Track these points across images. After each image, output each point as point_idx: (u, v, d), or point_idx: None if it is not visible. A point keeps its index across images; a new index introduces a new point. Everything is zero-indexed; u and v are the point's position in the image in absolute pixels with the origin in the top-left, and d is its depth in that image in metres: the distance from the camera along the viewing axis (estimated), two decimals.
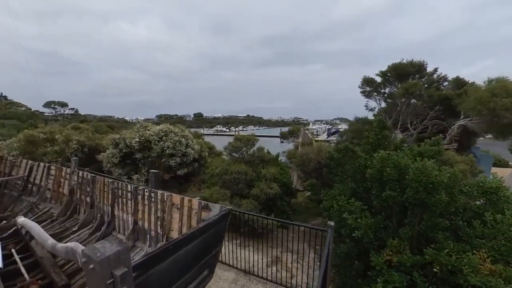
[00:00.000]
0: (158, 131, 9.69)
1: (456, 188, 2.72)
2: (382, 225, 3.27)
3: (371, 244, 3.34)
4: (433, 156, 3.29)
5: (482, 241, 2.50)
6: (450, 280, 2.71)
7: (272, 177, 6.70)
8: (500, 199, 2.66)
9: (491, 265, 2.30)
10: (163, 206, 3.51)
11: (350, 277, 3.63)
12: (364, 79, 11.42)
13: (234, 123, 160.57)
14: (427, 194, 2.65)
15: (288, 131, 22.41)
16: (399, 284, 2.82)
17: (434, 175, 2.59)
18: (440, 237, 2.62)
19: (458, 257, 2.53)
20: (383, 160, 3.04)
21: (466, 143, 9.95)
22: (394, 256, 3.01)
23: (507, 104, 6.48)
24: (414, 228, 2.97)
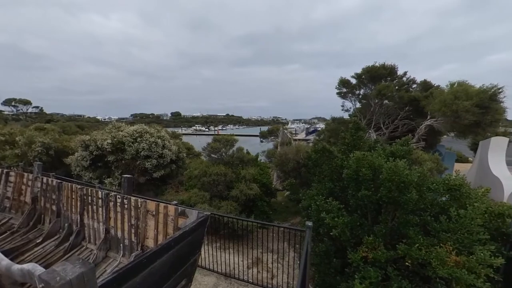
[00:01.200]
0: (132, 132, 9.25)
1: (425, 186, 2.89)
2: (358, 223, 3.38)
3: (348, 242, 3.44)
4: (404, 156, 3.47)
5: (448, 235, 2.68)
6: (421, 272, 2.88)
7: (251, 177, 6.68)
8: (462, 195, 2.87)
9: (456, 257, 2.46)
10: (137, 213, 3.33)
11: (329, 275, 3.71)
12: (340, 81, 11.83)
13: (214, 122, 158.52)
14: (399, 193, 2.79)
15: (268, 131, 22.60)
16: (375, 279, 2.93)
17: (405, 174, 2.73)
18: (411, 232, 2.77)
19: (427, 251, 2.68)
20: (358, 160, 3.15)
21: (433, 141, 10.70)
22: (370, 253, 3.13)
23: (467, 106, 7.08)
24: (388, 225, 3.11)
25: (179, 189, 9.71)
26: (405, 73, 11.20)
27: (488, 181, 9.58)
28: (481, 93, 7.37)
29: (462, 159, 18.08)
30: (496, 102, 7.53)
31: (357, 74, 11.47)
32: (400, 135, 11.78)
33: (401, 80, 11.06)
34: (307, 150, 6.75)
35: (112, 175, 9.22)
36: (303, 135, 42.80)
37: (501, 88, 7.65)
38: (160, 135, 9.84)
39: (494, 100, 7.45)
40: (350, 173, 3.25)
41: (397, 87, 10.69)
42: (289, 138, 15.23)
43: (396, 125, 11.81)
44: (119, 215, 3.67)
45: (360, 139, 4.07)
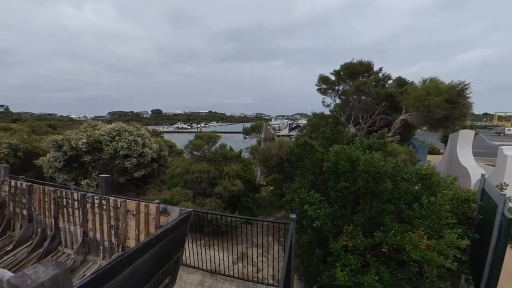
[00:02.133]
0: (110, 130, 8.87)
1: (399, 176, 3.06)
2: (339, 214, 3.50)
3: (330, 232, 3.56)
4: (380, 148, 3.63)
5: (420, 221, 2.86)
6: (396, 257, 3.06)
7: (235, 174, 6.69)
8: (433, 184, 3.06)
9: (427, 241, 2.64)
10: (117, 213, 3.22)
11: (312, 264, 3.83)
12: (320, 77, 12.07)
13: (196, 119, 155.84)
14: (375, 183, 2.93)
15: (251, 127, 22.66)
16: (354, 265, 3.07)
17: (381, 165, 2.87)
18: (387, 220, 2.92)
19: (401, 237, 2.84)
20: (337, 153, 3.26)
21: (407, 135, 11.28)
22: (350, 241, 3.26)
23: (438, 102, 7.54)
24: (366, 214, 3.26)
25: (161, 188, 9.49)
26: (381, 69, 11.67)
27: (457, 170, 10.29)
28: (450, 89, 7.88)
29: (434, 151, 19.23)
30: (463, 98, 8.08)
31: (336, 71, 11.76)
32: (377, 129, 12.27)
33: (377, 76, 11.51)
34: (290, 145, 6.86)
35: (89, 176, 8.81)
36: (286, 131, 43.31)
37: (468, 84, 8.22)
38: (140, 133, 9.53)
39: (461, 95, 8.00)
40: (330, 166, 3.35)
41: (373, 83, 11.11)
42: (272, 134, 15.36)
43: (374, 120, 12.29)
44: (98, 217, 3.53)
45: (339, 133, 4.21)
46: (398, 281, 2.95)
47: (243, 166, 7.69)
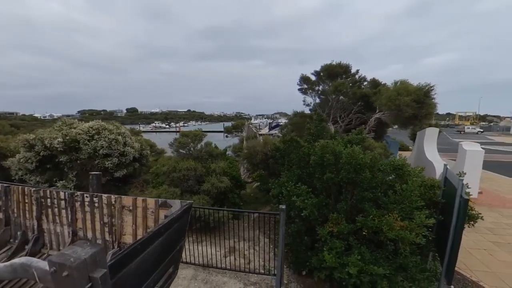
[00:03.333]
0: (88, 128, 8.54)
1: (376, 167, 3.43)
2: (324, 203, 3.83)
3: (316, 221, 3.87)
4: (359, 143, 4.01)
5: (394, 206, 3.25)
6: (375, 239, 3.44)
7: (221, 171, 6.82)
8: (404, 173, 3.48)
9: (401, 222, 3.02)
10: (111, 210, 3.24)
11: (301, 251, 4.13)
12: (302, 77, 12.55)
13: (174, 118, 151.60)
14: (356, 174, 3.27)
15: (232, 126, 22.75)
16: (339, 248, 3.40)
17: (361, 158, 3.22)
18: (366, 207, 3.28)
19: (379, 220, 3.22)
20: (323, 148, 3.56)
21: (381, 132, 12.12)
22: (335, 227, 3.60)
23: (407, 102, 8.27)
24: (348, 202, 3.60)
25: (144, 188, 9.32)
26: (357, 71, 12.42)
27: (424, 164, 11.26)
28: (418, 90, 8.67)
29: (404, 147, 20.69)
30: (429, 98, 8.93)
31: (317, 71, 12.31)
32: (354, 128, 13.02)
33: (354, 78, 12.23)
34: (274, 142, 7.13)
35: (65, 177, 8.43)
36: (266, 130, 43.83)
37: (433, 86, 9.11)
38: (121, 131, 9.27)
39: (427, 96, 8.83)
40: (316, 159, 3.65)
41: (350, 84, 11.80)
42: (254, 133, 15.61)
43: (351, 119, 13.03)
44: (89, 215, 3.51)
45: (323, 129, 4.55)
46: (377, 259, 3.33)
47: (229, 163, 7.84)
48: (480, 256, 5.20)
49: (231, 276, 4.43)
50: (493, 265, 4.91)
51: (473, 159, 8.73)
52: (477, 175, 8.87)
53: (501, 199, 8.96)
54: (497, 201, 8.75)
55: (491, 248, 5.54)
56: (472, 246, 5.53)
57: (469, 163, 8.74)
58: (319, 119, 4.56)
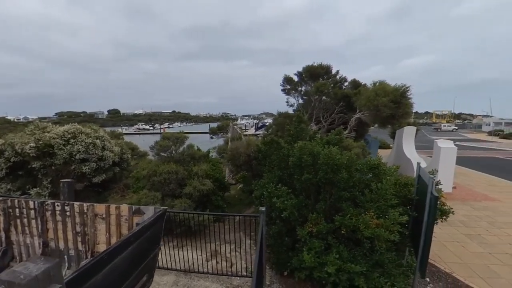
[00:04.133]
0: (63, 132, 8.15)
1: (353, 167, 3.51)
2: (304, 204, 3.87)
3: (297, 221, 3.90)
4: (337, 143, 4.10)
5: (370, 204, 3.34)
6: (353, 237, 3.52)
7: (204, 173, 6.73)
8: (380, 172, 3.59)
9: (376, 220, 3.11)
10: (83, 219, 3.10)
11: (282, 252, 4.14)
12: (285, 78, 12.66)
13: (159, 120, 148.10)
14: (334, 174, 3.33)
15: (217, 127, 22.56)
16: (318, 248, 3.45)
17: (338, 158, 3.28)
18: (344, 206, 3.34)
19: (356, 219, 3.29)
20: (301, 149, 3.60)
21: (362, 132, 12.47)
22: (314, 227, 3.64)
23: (385, 102, 8.57)
24: (327, 202, 3.66)
25: (125, 192, 9.02)
26: (338, 72, 12.71)
27: (403, 161, 11.69)
28: (395, 90, 9.01)
29: (385, 145, 21.41)
30: (405, 98, 9.29)
31: (299, 72, 12.47)
32: (336, 127, 13.31)
33: (335, 79, 12.51)
34: (257, 143, 7.14)
35: (39, 184, 8.00)
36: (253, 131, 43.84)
37: (408, 87, 9.49)
38: (99, 135, 8.92)
39: (404, 96, 9.19)
40: (295, 161, 3.68)
41: (332, 85, 12.05)
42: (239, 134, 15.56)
43: (333, 118, 13.31)
44: (60, 225, 3.34)
45: (302, 131, 4.60)
46: (355, 257, 3.41)
47: (211, 165, 7.75)
48: (453, 249, 5.47)
49: (213, 280, 4.38)
50: (465, 256, 5.17)
51: (447, 156, 9.17)
52: (451, 171, 9.33)
53: (473, 193, 9.47)
54: (470, 195, 9.24)
55: (464, 240, 5.83)
56: (446, 239, 5.80)
57: (444, 159, 9.17)
58: (298, 121, 4.61)
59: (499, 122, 51.33)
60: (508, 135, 37.26)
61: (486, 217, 7.21)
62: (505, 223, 6.78)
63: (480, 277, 4.53)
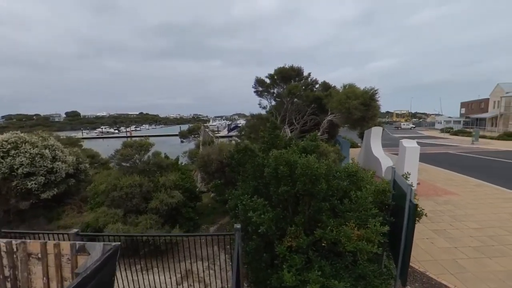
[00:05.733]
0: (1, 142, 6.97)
1: (331, 175, 3.34)
2: (282, 216, 3.60)
3: (275, 235, 3.62)
4: (313, 150, 3.92)
5: (351, 214, 3.18)
6: (334, 249, 3.33)
7: (172, 184, 6.18)
8: (358, 179, 3.47)
9: (358, 231, 2.95)
10: (13, 260, 2.46)
11: (261, 270, 3.83)
12: (257, 80, 12.45)
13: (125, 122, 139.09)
14: (312, 185, 3.12)
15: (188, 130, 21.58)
16: (299, 264, 3.20)
17: (316, 168, 3.08)
18: (324, 218, 3.14)
19: (337, 231, 3.11)
20: (277, 159, 3.34)
21: (333, 133, 12.75)
22: (293, 241, 3.39)
23: (356, 105, 8.79)
24: (306, 214, 3.44)
25: (82, 208, 8.02)
26: (309, 74, 12.87)
27: (372, 160, 12.18)
28: (365, 93, 9.30)
29: (354, 145, 22.36)
30: (374, 101, 9.65)
31: (271, 74, 12.36)
32: (309, 129, 13.47)
33: (307, 81, 12.63)
34: (230, 149, 6.77)
35: None
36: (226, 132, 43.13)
37: (377, 90, 9.88)
38: (48, 144, 7.81)
39: (373, 99, 9.53)
40: (270, 171, 3.42)
41: (303, 87, 12.13)
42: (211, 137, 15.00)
43: (306, 120, 13.43)
44: None
45: (276, 137, 4.36)
46: (337, 271, 3.22)
47: (181, 174, 7.19)
48: (424, 246, 5.65)
49: None
50: (434, 252, 5.37)
51: (411, 155, 9.67)
52: (415, 168, 9.87)
53: (435, 188, 10.14)
54: (432, 190, 9.87)
55: (431, 236, 6.09)
56: (416, 236, 5.91)
57: (409, 158, 9.67)
58: (272, 127, 4.37)
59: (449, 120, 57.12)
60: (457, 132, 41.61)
61: (448, 211, 7.68)
62: (464, 216, 7.27)
63: (450, 273, 4.70)
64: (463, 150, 22.35)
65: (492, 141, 29.20)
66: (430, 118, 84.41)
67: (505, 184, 10.27)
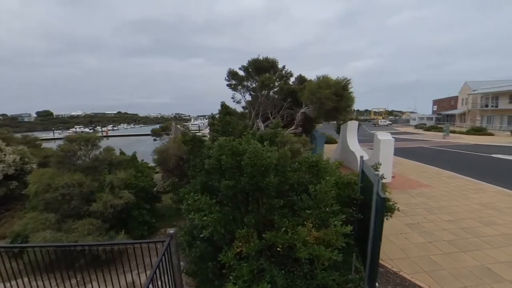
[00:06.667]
0: None
1: (287, 167, 2.78)
2: (232, 217, 2.99)
3: (223, 240, 3.01)
4: (272, 138, 3.34)
5: (309, 212, 2.63)
6: (291, 254, 2.77)
7: (122, 183, 5.37)
8: (320, 170, 2.93)
9: (316, 233, 2.41)
10: None
11: (208, 281, 3.21)
12: (230, 72, 11.76)
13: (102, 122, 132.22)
14: (262, 178, 2.54)
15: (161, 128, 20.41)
16: (247, 275, 2.61)
17: (267, 157, 2.49)
18: (276, 218, 2.58)
19: (293, 232, 2.55)
20: (221, 147, 2.72)
21: (309, 127, 12.38)
22: (244, 247, 2.79)
23: (328, 94, 8.39)
24: (258, 213, 2.86)
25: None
26: (284, 66, 12.37)
27: (348, 154, 11.95)
28: (337, 83, 8.95)
29: (332, 141, 22.33)
30: (347, 91, 9.32)
31: (244, 66, 11.72)
32: (285, 124, 13.01)
33: (281, 73, 12.13)
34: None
35: None
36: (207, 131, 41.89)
37: (349, 80, 9.57)
38: None
39: (345, 89, 9.20)
40: (212, 163, 2.79)
41: (278, 79, 11.62)
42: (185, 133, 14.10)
43: (282, 115, 12.95)
44: None
45: (228, 124, 3.73)
46: (294, 281, 2.67)
47: (137, 172, 6.39)
48: (397, 242, 5.31)
49: None
50: (409, 249, 5.02)
51: (386, 147, 9.48)
52: (390, 161, 9.70)
53: (409, 181, 10.04)
54: (406, 183, 9.75)
55: (405, 231, 5.78)
56: (389, 231, 5.64)
57: (383, 150, 9.46)
58: (225, 112, 3.74)
59: (422, 117, 59.77)
60: (429, 128, 43.43)
61: (422, 204, 7.49)
62: (438, 208, 7.10)
63: (424, 271, 4.34)
64: (436, 144, 23.10)
65: (462, 136, 30.63)
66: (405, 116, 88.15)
67: (475, 176, 10.40)
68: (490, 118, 38.42)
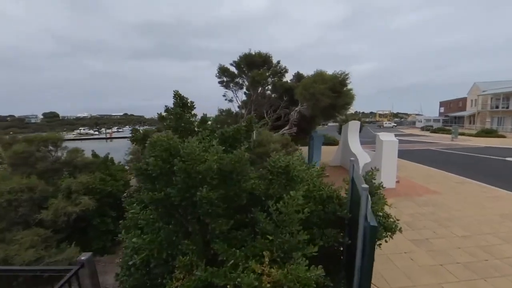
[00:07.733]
0: None
1: (243, 175, 2.04)
2: (175, 237, 2.27)
3: (165, 267, 2.29)
4: (234, 136, 2.60)
5: (271, 238, 1.88)
6: None
7: (82, 187, 4.69)
8: (292, 179, 2.18)
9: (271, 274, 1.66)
10: None
11: None
12: (220, 68, 11.07)
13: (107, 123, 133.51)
14: (195, 189, 1.81)
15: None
16: None
17: (202, 160, 1.77)
18: (217, 246, 1.83)
19: (245, 267, 1.81)
20: (153, 146, 2.00)
21: (306, 128, 11.58)
22: (186, 280, 2.06)
23: (322, 89, 7.62)
24: (206, 235, 2.12)
25: None
26: (279, 62, 11.65)
27: (349, 156, 11.10)
28: (334, 78, 8.16)
29: (335, 142, 21.46)
30: (346, 87, 8.51)
31: (236, 62, 11.03)
32: (282, 124, 12.27)
33: (275, 69, 11.40)
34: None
35: None
36: None
37: (348, 74, 8.76)
38: None
39: (343, 85, 8.40)
40: (140, 167, 2.07)
41: (272, 76, 10.89)
42: None
43: (279, 114, 12.22)
44: None
45: (180, 118, 2.99)
46: None
47: (108, 175, 5.71)
48: (400, 263, 4.46)
49: None
50: (414, 274, 4.16)
51: (389, 149, 8.63)
52: (394, 164, 8.84)
53: (415, 186, 9.15)
54: (412, 189, 8.85)
55: (411, 249, 4.92)
56: (392, 250, 4.78)
57: (386, 153, 8.62)
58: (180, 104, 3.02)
59: (429, 119, 58.22)
60: (436, 130, 42.00)
61: (430, 214, 6.61)
62: (449, 220, 6.21)
63: None
64: (444, 146, 21.98)
65: (471, 138, 29.32)
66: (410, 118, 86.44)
67: (489, 181, 9.44)
68: (501, 120, 36.90)
